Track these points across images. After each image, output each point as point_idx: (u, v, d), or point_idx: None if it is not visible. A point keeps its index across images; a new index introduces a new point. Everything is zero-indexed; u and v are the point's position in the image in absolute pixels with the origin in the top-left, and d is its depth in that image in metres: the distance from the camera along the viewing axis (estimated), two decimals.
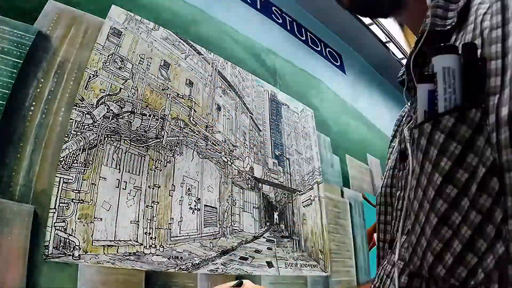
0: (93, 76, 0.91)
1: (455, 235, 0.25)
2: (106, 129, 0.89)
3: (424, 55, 0.34)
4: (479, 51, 0.25)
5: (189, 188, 1.04)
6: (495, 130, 0.23)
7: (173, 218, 0.96)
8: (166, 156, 1.01)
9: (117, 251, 0.81)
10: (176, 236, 0.95)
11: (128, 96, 0.98)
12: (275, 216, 1.31)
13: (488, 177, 0.23)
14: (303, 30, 2.01)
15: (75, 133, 0.83)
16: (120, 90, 0.96)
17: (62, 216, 0.75)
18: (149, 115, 1.00)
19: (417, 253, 0.29)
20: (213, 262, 1.00)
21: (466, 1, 0.30)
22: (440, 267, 0.26)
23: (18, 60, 0.78)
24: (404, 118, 0.41)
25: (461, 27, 0.30)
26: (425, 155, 0.27)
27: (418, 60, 0.34)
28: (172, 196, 0.98)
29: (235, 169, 1.22)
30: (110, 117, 0.91)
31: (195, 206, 1.03)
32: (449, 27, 0.31)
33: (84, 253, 0.76)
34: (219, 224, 1.09)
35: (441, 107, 0.26)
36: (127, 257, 0.83)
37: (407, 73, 0.37)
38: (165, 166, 0.99)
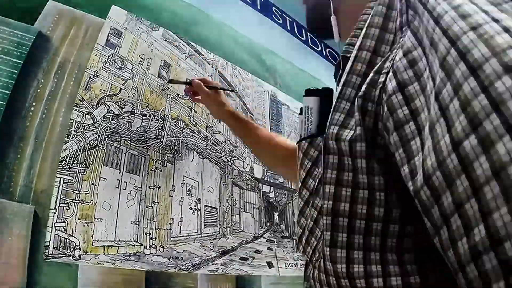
0: (93, 77, 0.91)
1: (307, 226, 0.34)
2: (106, 130, 0.89)
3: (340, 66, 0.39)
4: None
5: (189, 188, 1.04)
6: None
7: (173, 219, 0.96)
8: (166, 156, 1.01)
9: (117, 252, 0.81)
10: (176, 237, 0.95)
11: (128, 97, 0.98)
12: (275, 216, 1.31)
13: (320, 185, 0.32)
14: (303, 30, 2.01)
15: (75, 133, 0.83)
16: (120, 90, 0.96)
17: (62, 217, 0.75)
18: (149, 116, 1.00)
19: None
20: (213, 263, 1.00)
21: None
22: (300, 244, 0.36)
23: (18, 61, 0.78)
24: None
25: None
26: (297, 165, 0.36)
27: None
28: (172, 196, 0.98)
29: (235, 169, 1.22)
30: (111, 118, 0.91)
31: (195, 206, 1.03)
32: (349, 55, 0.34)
33: (84, 253, 0.76)
34: (219, 225, 1.09)
35: (303, 133, 0.35)
36: (128, 258, 0.83)
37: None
38: (165, 166, 0.99)
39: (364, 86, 0.27)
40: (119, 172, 0.89)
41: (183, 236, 0.97)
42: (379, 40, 0.29)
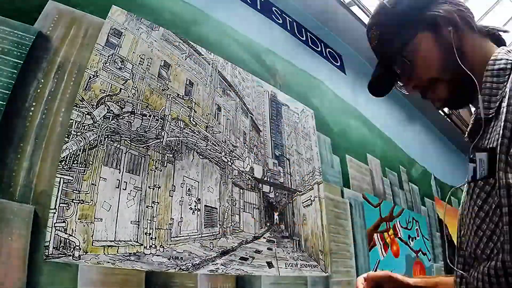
0: (93, 77, 0.91)
1: (485, 234, 0.49)
2: (106, 130, 0.89)
3: (479, 126, 0.54)
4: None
5: (189, 188, 1.04)
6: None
7: (173, 219, 0.96)
8: (166, 156, 1.01)
9: (117, 252, 0.81)
10: (176, 237, 0.95)
11: (128, 97, 0.98)
12: (275, 216, 1.31)
13: (497, 207, 0.46)
14: (303, 30, 2.01)
15: (75, 133, 0.83)
16: (120, 90, 0.96)
17: (62, 217, 0.75)
18: (149, 116, 1.00)
19: (464, 245, 0.54)
20: (213, 263, 1.00)
21: (500, 100, 0.50)
22: (478, 250, 0.50)
23: (18, 61, 0.78)
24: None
25: (497, 117, 0.50)
26: (471, 197, 0.52)
27: (474, 130, 0.56)
28: (172, 196, 0.98)
29: (235, 169, 1.22)
30: (110, 118, 0.91)
31: (195, 206, 1.03)
32: (490, 116, 0.52)
33: (84, 253, 0.76)
34: (219, 225, 1.09)
35: (478, 176, 0.50)
36: (127, 258, 0.83)
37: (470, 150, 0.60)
38: (165, 166, 0.99)
39: None
40: (119, 172, 0.89)
41: (183, 236, 0.97)
42: None
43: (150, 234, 0.89)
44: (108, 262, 0.79)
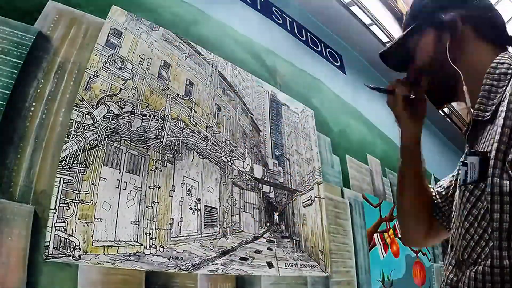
0: (93, 77, 0.91)
1: (473, 239, 0.49)
2: (106, 130, 0.89)
3: (475, 129, 0.55)
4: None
5: (189, 188, 1.04)
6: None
7: (173, 219, 0.96)
8: (166, 156, 1.01)
9: (117, 252, 0.81)
10: (176, 237, 0.95)
11: (128, 97, 0.98)
12: (275, 216, 1.31)
13: (486, 212, 0.46)
14: (303, 30, 2.01)
15: (75, 133, 0.83)
16: (120, 90, 0.96)
17: (62, 217, 0.75)
18: (149, 116, 1.00)
19: (454, 248, 0.54)
20: (213, 263, 1.00)
21: (498, 104, 0.50)
22: (465, 254, 0.50)
23: (18, 61, 0.78)
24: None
25: (494, 121, 0.50)
26: (461, 201, 0.52)
27: (471, 133, 0.56)
28: (172, 196, 0.98)
29: (235, 169, 1.22)
30: (110, 118, 0.91)
31: (195, 206, 1.03)
32: (486, 118, 0.52)
33: (84, 253, 0.76)
34: (219, 225, 1.09)
35: (469, 180, 0.51)
36: (127, 258, 0.83)
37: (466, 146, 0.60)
38: (165, 166, 0.99)
39: (511, 155, 0.45)
40: (119, 172, 0.89)
41: (183, 236, 0.97)
42: None
43: (150, 234, 0.89)
44: (108, 262, 0.79)
